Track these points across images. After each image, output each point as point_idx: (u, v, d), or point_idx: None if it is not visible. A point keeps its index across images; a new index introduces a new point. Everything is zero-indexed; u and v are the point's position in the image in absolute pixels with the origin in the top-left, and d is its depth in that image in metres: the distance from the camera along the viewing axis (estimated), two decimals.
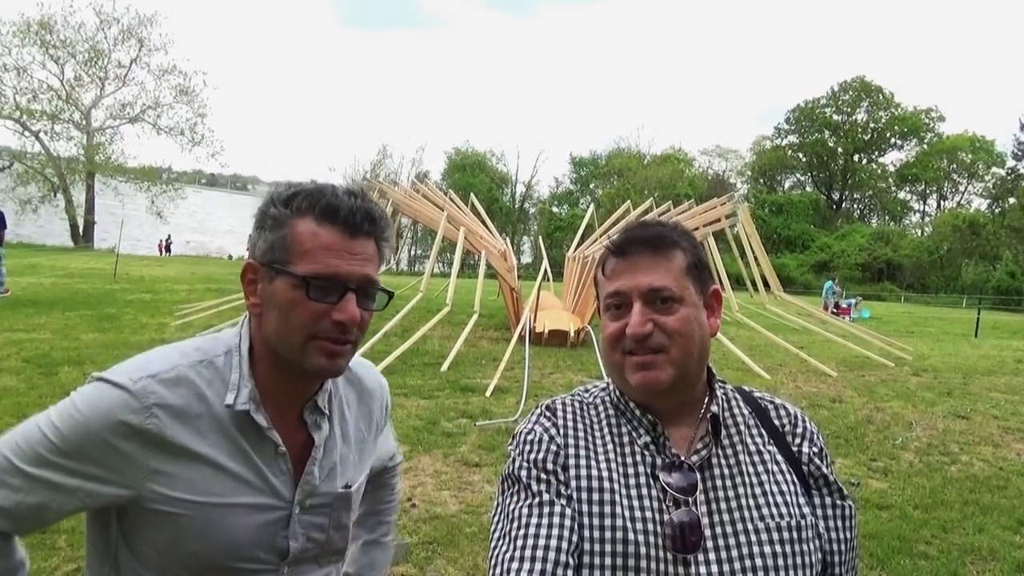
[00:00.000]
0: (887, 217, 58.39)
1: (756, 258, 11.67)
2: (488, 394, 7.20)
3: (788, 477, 1.10)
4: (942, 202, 57.67)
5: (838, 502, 1.12)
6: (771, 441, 1.13)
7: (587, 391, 1.20)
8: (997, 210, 48.25)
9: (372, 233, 1.10)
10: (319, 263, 1.05)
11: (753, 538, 1.02)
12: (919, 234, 53.51)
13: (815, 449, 1.14)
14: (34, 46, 35.42)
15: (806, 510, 1.07)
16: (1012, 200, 46.48)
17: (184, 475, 1.06)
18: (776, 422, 1.16)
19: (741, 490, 1.06)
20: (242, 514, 1.10)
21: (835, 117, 56.91)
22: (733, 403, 1.15)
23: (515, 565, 0.98)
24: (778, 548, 1.02)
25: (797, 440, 1.14)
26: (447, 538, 3.86)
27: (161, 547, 1.09)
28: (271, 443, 1.13)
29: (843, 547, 1.10)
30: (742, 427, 1.13)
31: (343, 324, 1.08)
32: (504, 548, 1.02)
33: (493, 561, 1.02)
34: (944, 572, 3.84)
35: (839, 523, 1.10)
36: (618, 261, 1.09)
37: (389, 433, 1.51)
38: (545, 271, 12.94)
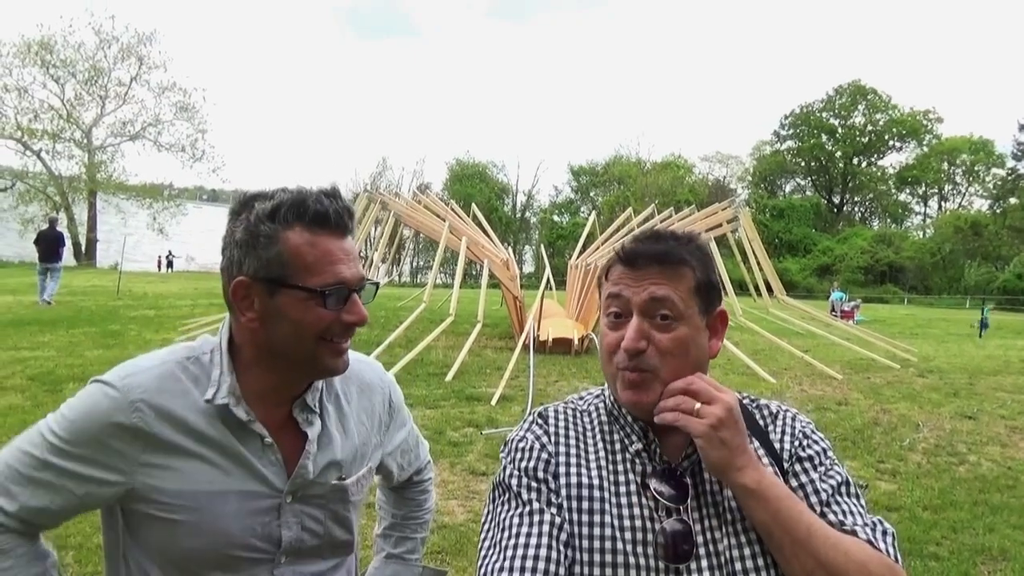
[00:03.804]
0: (888, 219, 58.42)
1: (759, 262, 11.64)
2: (493, 403, 7.20)
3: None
4: (943, 203, 57.75)
5: (824, 474, 1.06)
6: (755, 442, 1.09)
7: (581, 398, 1.18)
8: (998, 210, 48.28)
9: (351, 228, 1.17)
10: (327, 274, 1.10)
11: (742, 539, 1.00)
12: (921, 236, 53.54)
13: (796, 443, 1.10)
14: (34, 66, 35.65)
15: None
16: (1013, 200, 46.55)
17: (172, 468, 1.10)
18: (760, 423, 1.13)
19: (728, 492, 1.03)
20: (232, 502, 1.12)
21: (832, 121, 57.06)
22: None
23: None
24: (768, 550, 0.99)
25: (777, 435, 1.11)
26: (455, 547, 3.87)
27: (160, 543, 1.13)
28: (257, 435, 1.15)
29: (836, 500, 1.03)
30: None
31: (354, 325, 1.14)
32: (494, 558, 0.99)
33: (483, 572, 0.99)
34: (955, 573, 3.83)
35: (827, 484, 1.05)
36: (624, 270, 1.07)
37: (416, 443, 1.49)
38: (548, 279, 12.93)
